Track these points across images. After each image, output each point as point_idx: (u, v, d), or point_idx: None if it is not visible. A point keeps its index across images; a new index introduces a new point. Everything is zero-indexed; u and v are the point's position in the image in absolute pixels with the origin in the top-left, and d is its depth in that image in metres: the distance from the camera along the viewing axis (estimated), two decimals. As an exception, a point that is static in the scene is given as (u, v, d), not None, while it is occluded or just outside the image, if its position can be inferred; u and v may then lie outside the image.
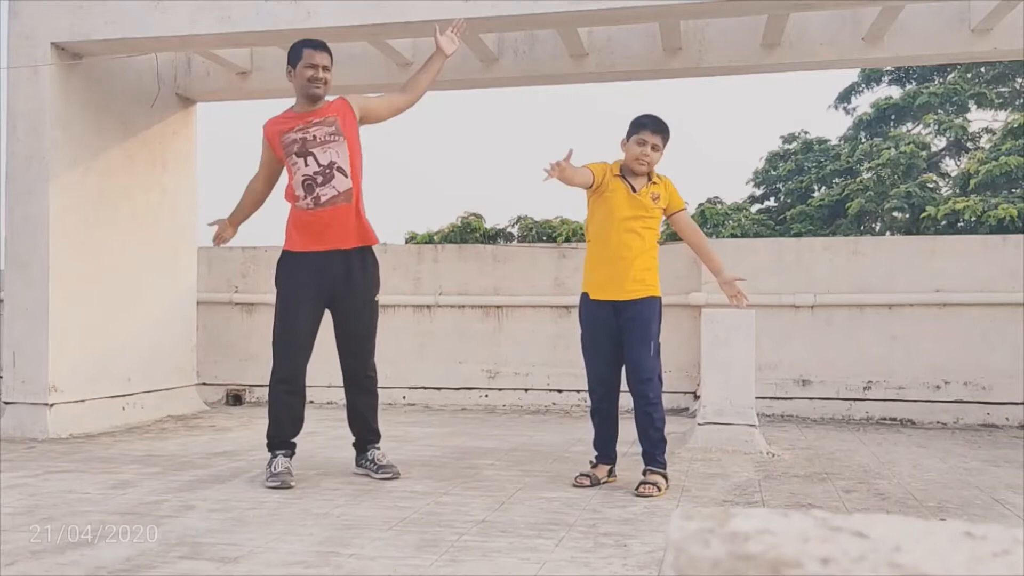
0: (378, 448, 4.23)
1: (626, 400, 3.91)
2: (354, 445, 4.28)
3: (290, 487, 3.83)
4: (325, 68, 4.04)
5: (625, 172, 3.93)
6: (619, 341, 3.89)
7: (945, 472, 4.37)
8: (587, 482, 3.89)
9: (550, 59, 6.16)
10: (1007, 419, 6.21)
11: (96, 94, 5.90)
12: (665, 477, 3.82)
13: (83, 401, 5.68)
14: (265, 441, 4.10)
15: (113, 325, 6.00)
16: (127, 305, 6.15)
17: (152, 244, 6.44)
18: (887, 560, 0.55)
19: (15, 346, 5.53)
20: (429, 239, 20.72)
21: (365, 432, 4.24)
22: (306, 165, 3.95)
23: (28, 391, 5.47)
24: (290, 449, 4.06)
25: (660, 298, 3.96)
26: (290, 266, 4.05)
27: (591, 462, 4.04)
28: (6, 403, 5.54)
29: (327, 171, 3.94)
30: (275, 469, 3.92)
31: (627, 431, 4.12)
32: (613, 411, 4.01)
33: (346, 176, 3.97)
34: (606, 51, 6.10)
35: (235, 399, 7.32)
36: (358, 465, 4.24)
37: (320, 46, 4.08)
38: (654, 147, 3.87)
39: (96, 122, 5.90)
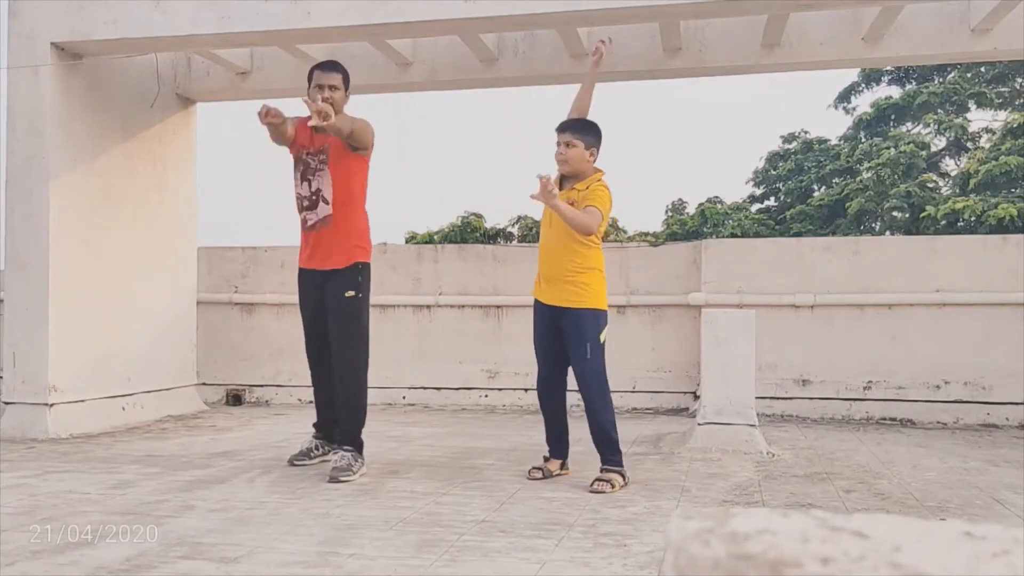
0: (341, 451, 4.19)
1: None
2: (323, 427, 4.55)
3: (293, 465, 4.37)
4: (333, 87, 4.16)
5: (564, 179, 4.05)
6: (562, 344, 4.02)
7: (945, 472, 4.37)
8: (540, 475, 4.07)
9: (550, 59, 6.16)
10: (1007, 419, 6.21)
11: (96, 94, 5.90)
12: (621, 474, 3.91)
13: (83, 401, 5.68)
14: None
15: (113, 325, 6.00)
16: (127, 305, 6.15)
17: (152, 244, 6.44)
18: (887, 560, 0.55)
19: (15, 346, 5.53)
20: (429, 239, 20.76)
21: (333, 423, 4.44)
22: (300, 186, 4.30)
23: (28, 391, 5.47)
24: (315, 431, 4.55)
25: (598, 310, 3.96)
26: (299, 281, 4.46)
27: (544, 456, 4.21)
28: (6, 403, 5.54)
29: (313, 198, 4.26)
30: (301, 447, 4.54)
31: (628, 431, 4.12)
32: (558, 408, 4.15)
33: (327, 204, 4.24)
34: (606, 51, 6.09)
35: (235, 399, 7.32)
36: (317, 439, 4.52)
37: (328, 67, 4.25)
38: (567, 144, 3.97)
39: (96, 122, 5.90)
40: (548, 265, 4.03)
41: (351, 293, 4.25)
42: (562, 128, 4.01)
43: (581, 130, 3.99)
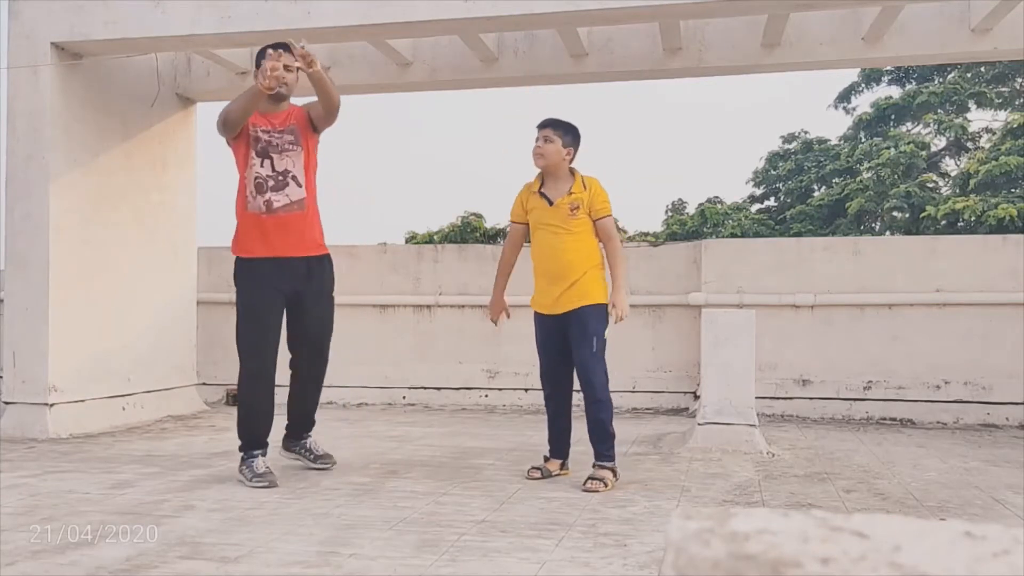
0: (311, 437, 4.36)
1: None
2: (286, 428, 4.38)
3: (276, 486, 3.86)
4: (287, 68, 3.96)
5: (544, 182, 4.08)
6: (565, 344, 4.04)
7: (945, 472, 4.36)
8: (538, 475, 4.06)
9: (550, 59, 6.16)
10: (1007, 419, 6.21)
11: (96, 94, 5.90)
12: (613, 472, 3.92)
13: (83, 401, 5.68)
14: (240, 443, 4.06)
15: (113, 325, 6.00)
16: (127, 305, 6.15)
17: (152, 244, 6.44)
18: (887, 560, 0.55)
19: (15, 346, 5.53)
20: (429, 239, 20.75)
21: (304, 420, 4.36)
22: (261, 166, 4.01)
23: (28, 391, 5.47)
24: (266, 448, 4.07)
25: (603, 305, 4.01)
26: (252, 271, 4.10)
27: (544, 456, 4.20)
28: (6, 403, 5.54)
29: (281, 178, 4.02)
30: (258, 470, 3.93)
31: (628, 430, 4.12)
32: (562, 408, 4.16)
33: (300, 186, 4.05)
34: (606, 51, 6.10)
35: (235, 399, 7.31)
36: (288, 450, 4.37)
37: (282, 47, 4.03)
38: (546, 139, 4.01)
39: (96, 122, 5.90)
40: (554, 269, 4.01)
41: (332, 285, 4.27)
42: (543, 124, 4.07)
43: (561, 128, 4.05)
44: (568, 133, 4.05)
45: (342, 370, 7.21)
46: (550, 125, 4.04)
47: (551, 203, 4.01)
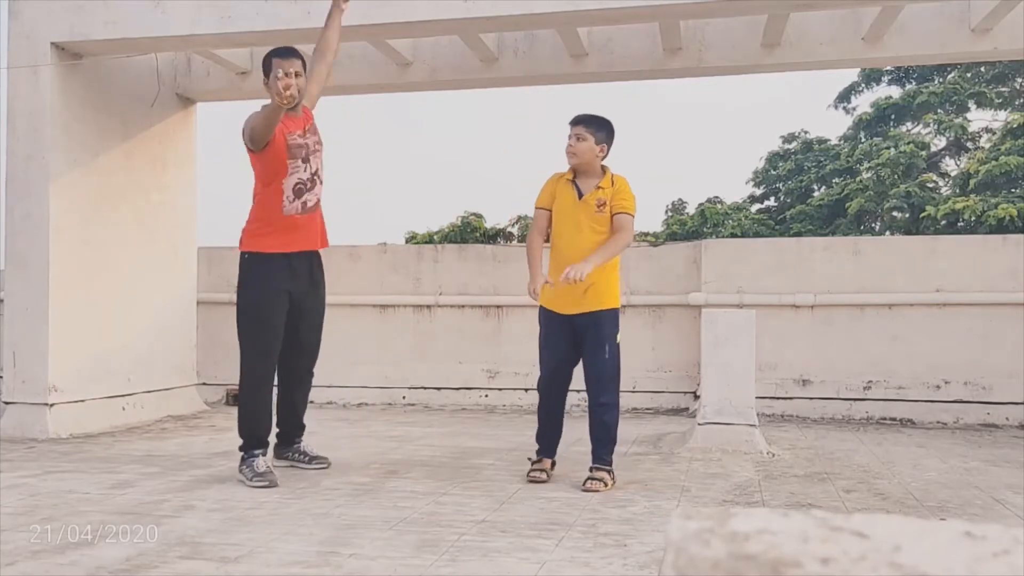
0: (302, 440, 4.40)
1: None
2: (277, 436, 4.36)
3: (276, 485, 3.86)
4: (296, 74, 4.00)
5: (577, 175, 4.01)
6: (573, 344, 4.00)
7: (945, 472, 4.36)
8: (544, 477, 4.02)
9: (550, 59, 6.16)
10: (1007, 419, 6.21)
11: (96, 94, 5.90)
12: (611, 474, 3.91)
13: (83, 401, 5.68)
14: (240, 442, 4.07)
15: (113, 325, 6.00)
16: (127, 305, 6.15)
17: (152, 244, 6.44)
18: (887, 560, 0.55)
19: (15, 346, 5.53)
20: (429, 239, 20.76)
21: (295, 425, 4.38)
22: (304, 171, 4.08)
23: (28, 391, 5.47)
24: (267, 447, 4.10)
25: (616, 310, 3.98)
26: (264, 267, 4.09)
27: (537, 453, 4.17)
28: (6, 403, 5.54)
29: (314, 179, 4.13)
30: (259, 469, 3.94)
31: (628, 431, 4.12)
32: (558, 409, 4.13)
33: (321, 183, 4.18)
34: (606, 51, 6.10)
35: (235, 399, 7.31)
36: (281, 457, 4.35)
37: (287, 53, 4.10)
38: (578, 137, 3.95)
39: (96, 122, 5.90)
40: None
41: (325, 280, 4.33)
42: (576, 121, 4.00)
43: (594, 125, 3.98)
44: (601, 129, 3.98)
45: (342, 370, 7.22)
46: (582, 122, 3.97)
47: (581, 196, 3.95)
